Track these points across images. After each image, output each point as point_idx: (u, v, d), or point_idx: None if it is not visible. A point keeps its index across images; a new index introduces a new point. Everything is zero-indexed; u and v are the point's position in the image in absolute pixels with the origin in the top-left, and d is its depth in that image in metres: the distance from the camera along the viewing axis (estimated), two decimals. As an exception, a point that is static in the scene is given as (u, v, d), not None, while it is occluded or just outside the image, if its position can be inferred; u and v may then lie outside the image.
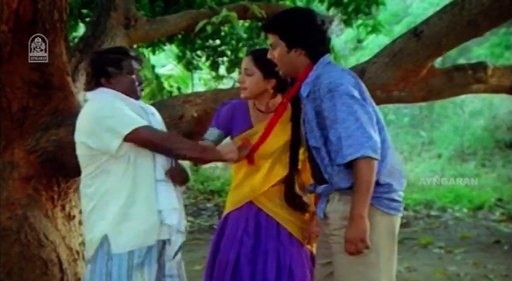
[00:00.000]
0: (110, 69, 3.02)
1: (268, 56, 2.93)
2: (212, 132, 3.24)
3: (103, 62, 3.04)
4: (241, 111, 3.26)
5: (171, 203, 2.95)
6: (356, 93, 2.74)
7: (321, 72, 2.80)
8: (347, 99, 2.70)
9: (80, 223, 3.98)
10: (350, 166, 2.70)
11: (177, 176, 3.05)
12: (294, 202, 3.18)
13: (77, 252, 3.98)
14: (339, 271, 2.81)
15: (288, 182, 3.19)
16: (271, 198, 3.19)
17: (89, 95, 3.04)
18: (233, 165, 3.30)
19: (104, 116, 2.89)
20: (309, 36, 2.84)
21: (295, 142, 3.16)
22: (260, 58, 3.16)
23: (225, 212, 3.29)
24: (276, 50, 2.87)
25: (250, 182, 3.19)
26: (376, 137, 2.69)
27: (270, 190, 3.19)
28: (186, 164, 3.21)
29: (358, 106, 2.71)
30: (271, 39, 2.89)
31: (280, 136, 3.17)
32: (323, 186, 2.85)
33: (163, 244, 2.97)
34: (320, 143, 2.77)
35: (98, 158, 2.92)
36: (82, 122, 2.96)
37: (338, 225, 2.78)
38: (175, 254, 3.00)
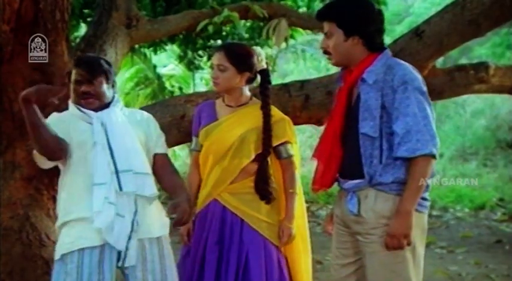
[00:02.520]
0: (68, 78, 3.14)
1: (322, 46, 2.88)
2: (195, 142, 3.35)
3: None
4: (207, 108, 3.34)
5: (96, 205, 2.91)
6: (425, 91, 2.76)
7: (392, 63, 2.78)
8: (419, 95, 2.72)
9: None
10: (398, 160, 2.71)
11: (181, 216, 2.96)
12: (264, 189, 3.21)
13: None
14: (374, 270, 2.79)
15: (260, 168, 3.22)
16: (235, 194, 3.21)
17: None
18: (200, 164, 3.32)
19: None
20: (368, 25, 2.81)
21: (267, 128, 3.20)
22: (232, 53, 3.21)
23: (195, 212, 3.31)
24: (332, 38, 2.82)
25: (213, 178, 3.22)
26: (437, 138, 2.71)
27: (233, 187, 3.22)
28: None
29: (427, 104, 2.73)
30: (327, 27, 2.83)
31: (239, 128, 3.22)
32: (355, 181, 2.81)
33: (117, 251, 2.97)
34: (378, 133, 2.74)
35: None
36: None
37: (376, 224, 2.76)
38: (122, 261, 2.96)
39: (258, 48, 3.35)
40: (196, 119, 3.36)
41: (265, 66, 3.31)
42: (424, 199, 2.80)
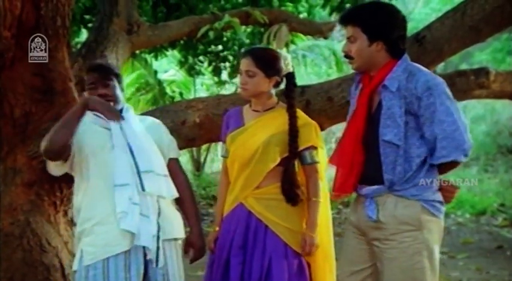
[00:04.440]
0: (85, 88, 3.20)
1: (345, 50, 2.87)
2: (223, 148, 3.36)
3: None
4: (235, 115, 3.35)
5: (121, 206, 2.91)
6: (450, 94, 2.75)
7: (413, 70, 2.77)
8: (445, 99, 2.71)
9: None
10: (422, 166, 2.76)
11: (197, 255, 3.25)
12: (290, 190, 3.18)
13: (79, 257, 3.98)
14: (393, 276, 2.78)
15: (287, 169, 3.20)
16: (260, 200, 3.20)
17: None
18: (228, 169, 3.33)
19: None
20: (393, 31, 2.80)
21: (294, 130, 3.18)
22: (260, 58, 3.20)
23: (224, 215, 3.32)
24: (355, 43, 2.81)
25: (240, 182, 3.22)
26: (470, 141, 2.72)
27: (258, 191, 3.21)
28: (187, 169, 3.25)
29: (454, 108, 2.72)
30: (351, 31, 2.82)
31: (264, 132, 3.21)
32: (374, 187, 2.81)
33: (143, 253, 2.97)
34: (402, 141, 2.73)
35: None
36: None
37: (395, 230, 2.76)
38: (156, 262, 2.98)
39: (283, 52, 3.35)
40: (224, 125, 3.36)
41: (291, 69, 3.30)
42: (440, 202, 2.80)
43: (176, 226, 3.13)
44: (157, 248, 2.97)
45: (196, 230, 3.22)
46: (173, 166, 3.24)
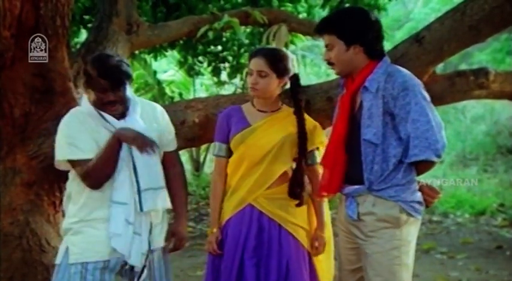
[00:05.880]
0: (84, 78, 3.00)
1: (325, 58, 2.97)
2: (220, 148, 3.30)
3: (85, 68, 3.00)
4: (236, 114, 3.32)
5: (116, 227, 2.91)
6: (427, 96, 2.83)
7: (392, 71, 2.86)
8: (421, 100, 2.79)
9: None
10: (400, 166, 2.83)
11: (178, 245, 3.19)
12: (298, 192, 3.21)
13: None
14: (374, 270, 2.87)
15: (297, 171, 3.22)
16: (272, 200, 3.21)
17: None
18: (228, 170, 3.31)
19: (57, 137, 3.05)
20: (366, 33, 2.89)
21: (303, 132, 3.22)
22: (273, 59, 3.21)
23: (224, 219, 3.27)
24: (333, 50, 2.92)
25: (248, 183, 3.21)
26: (443, 140, 2.77)
27: (269, 192, 3.21)
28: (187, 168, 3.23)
29: (429, 109, 2.79)
30: (327, 40, 2.93)
31: (277, 133, 3.22)
32: (355, 187, 2.90)
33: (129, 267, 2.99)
34: (380, 140, 2.81)
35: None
36: None
37: (375, 227, 2.85)
38: (138, 277, 2.98)
39: (290, 53, 3.36)
40: (223, 124, 3.30)
41: (296, 71, 3.32)
42: (419, 202, 2.89)
43: (163, 235, 3.14)
44: (144, 265, 2.97)
45: (182, 221, 3.19)
46: (170, 158, 3.21)
